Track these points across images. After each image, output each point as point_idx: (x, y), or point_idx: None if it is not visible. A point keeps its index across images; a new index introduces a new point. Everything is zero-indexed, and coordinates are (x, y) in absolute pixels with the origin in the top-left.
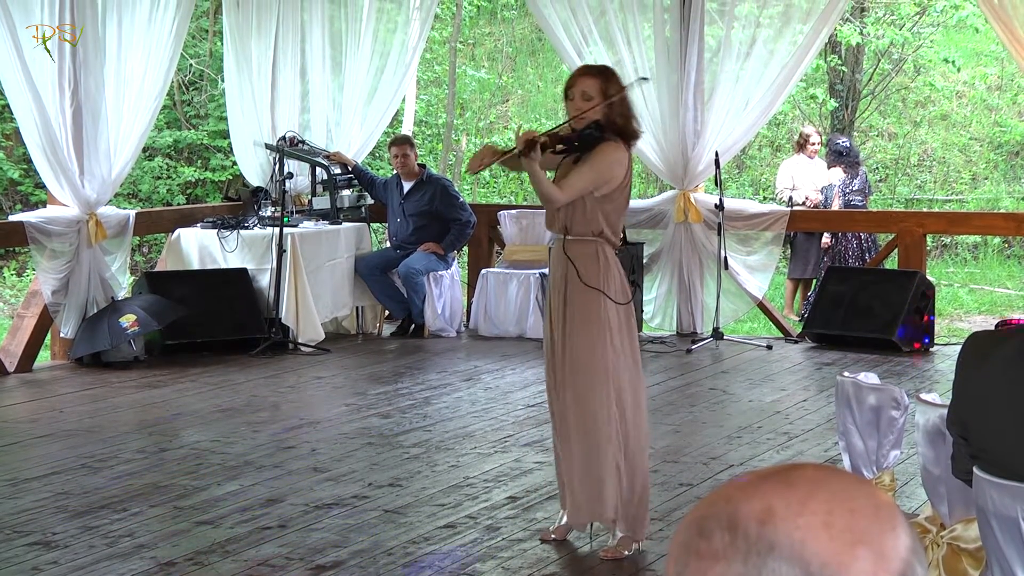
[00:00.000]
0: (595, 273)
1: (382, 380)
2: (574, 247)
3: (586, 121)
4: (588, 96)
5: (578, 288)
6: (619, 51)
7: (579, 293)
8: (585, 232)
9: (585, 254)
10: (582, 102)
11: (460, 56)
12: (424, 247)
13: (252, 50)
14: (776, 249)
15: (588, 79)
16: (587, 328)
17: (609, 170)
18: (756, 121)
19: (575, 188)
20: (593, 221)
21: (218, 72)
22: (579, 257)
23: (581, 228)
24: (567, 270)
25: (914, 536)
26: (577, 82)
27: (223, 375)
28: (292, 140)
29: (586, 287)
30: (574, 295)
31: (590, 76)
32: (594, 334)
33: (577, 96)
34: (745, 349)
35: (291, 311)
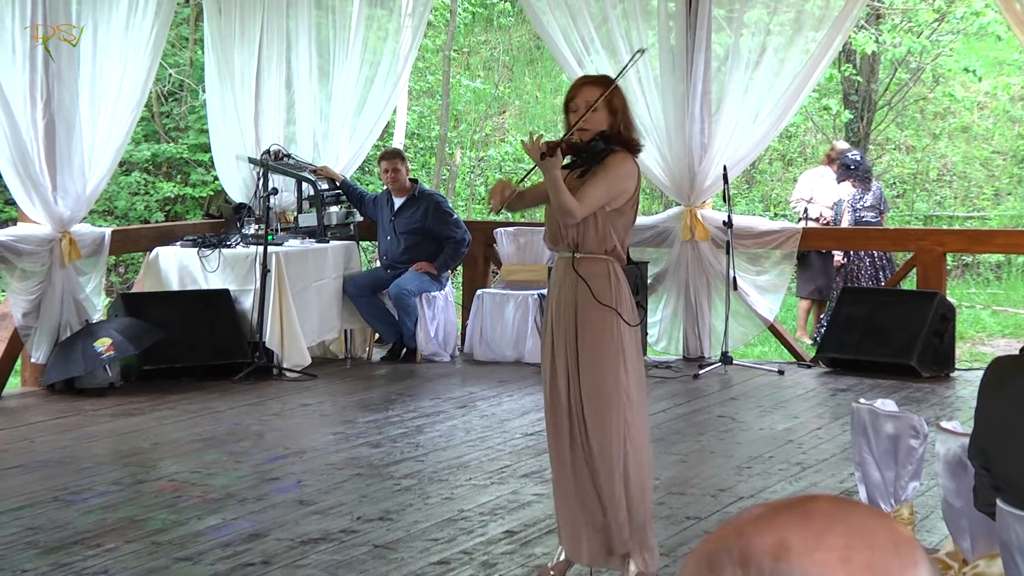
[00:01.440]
0: (608, 293)
1: (372, 407)
2: (585, 266)
3: (591, 133)
4: (593, 107)
5: (592, 308)
6: (622, 60)
7: (593, 314)
8: (597, 249)
9: (597, 273)
10: (589, 113)
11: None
12: (416, 267)
13: (235, 59)
14: (788, 268)
15: (591, 88)
16: (602, 352)
17: (622, 182)
18: (766, 134)
19: (592, 201)
20: (605, 237)
21: (199, 82)
22: (591, 276)
23: (592, 245)
24: (577, 290)
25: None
26: (579, 92)
27: (203, 402)
28: (277, 154)
29: (601, 307)
30: (587, 316)
31: (593, 85)
32: (609, 358)
33: (581, 107)
34: (755, 374)
35: (276, 334)
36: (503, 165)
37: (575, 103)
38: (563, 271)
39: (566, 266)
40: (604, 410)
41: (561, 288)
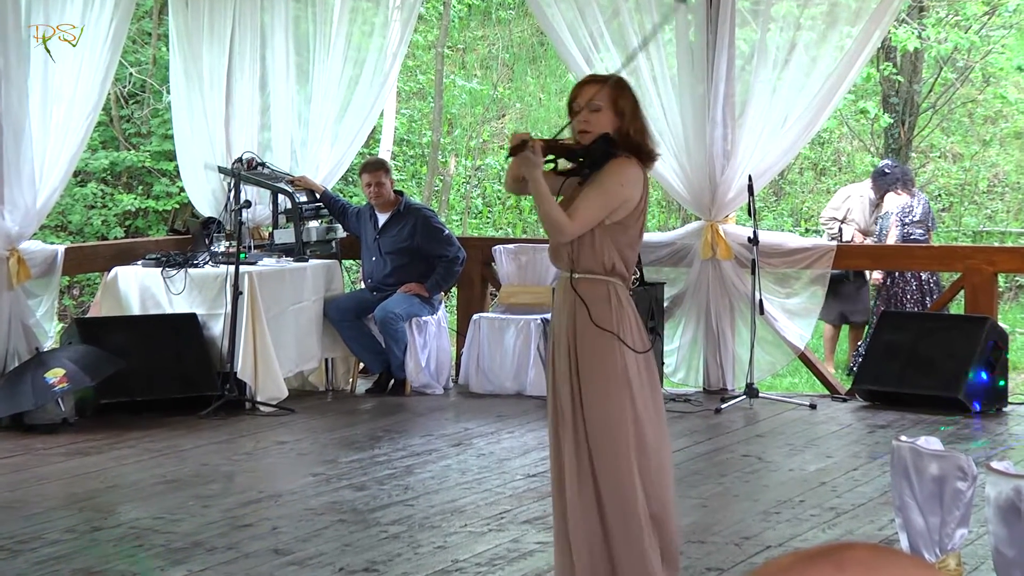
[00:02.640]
0: (608, 316)
1: (356, 445)
2: (584, 286)
3: (592, 135)
4: (596, 107)
5: (589, 332)
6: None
7: (591, 339)
8: (595, 268)
9: (596, 295)
10: (589, 114)
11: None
12: (405, 288)
13: (203, 57)
14: (820, 290)
15: (595, 87)
16: (603, 381)
17: (622, 191)
18: (796, 140)
19: (586, 215)
20: (604, 255)
21: (163, 83)
22: (590, 298)
23: (590, 263)
24: (575, 311)
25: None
26: (583, 91)
27: (168, 440)
28: (250, 162)
29: (599, 330)
30: (585, 341)
31: (597, 83)
32: (612, 388)
33: (584, 106)
34: (784, 409)
35: (248, 364)
36: (502, 175)
37: (577, 103)
38: (563, 291)
39: (566, 286)
40: (611, 449)
41: (561, 310)
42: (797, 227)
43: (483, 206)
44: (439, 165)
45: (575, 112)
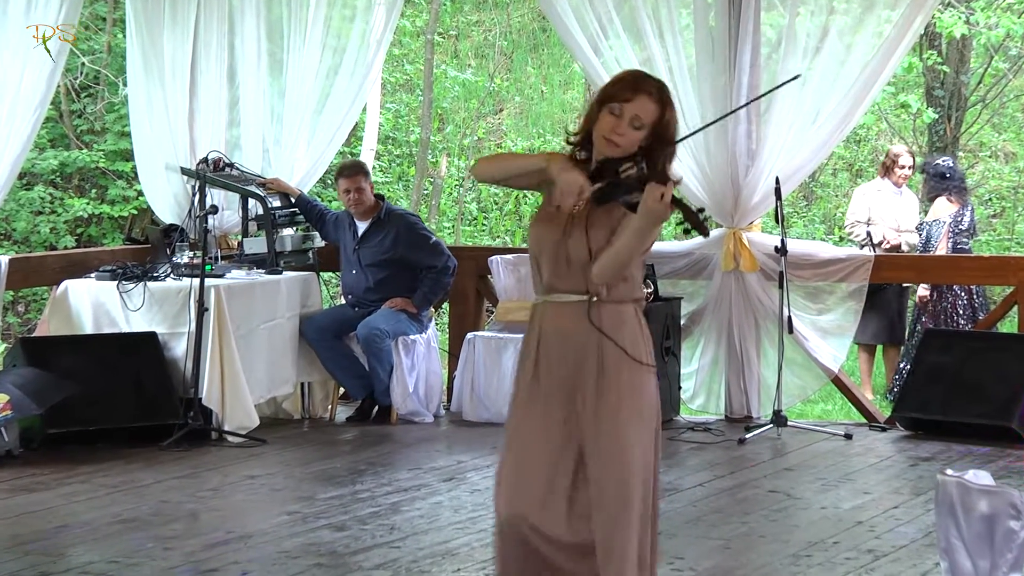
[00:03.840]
0: (641, 348)
1: (336, 480)
2: (609, 315)
3: (623, 150)
4: (640, 124)
5: (627, 371)
6: (648, 46)
7: (628, 377)
8: (625, 295)
9: (625, 323)
10: (631, 130)
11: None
12: (390, 303)
13: (164, 44)
14: (856, 306)
15: (650, 103)
16: (638, 427)
17: (659, 228)
18: (829, 138)
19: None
20: (636, 280)
21: (119, 74)
22: (618, 329)
23: (621, 290)
24: (600, 347)
25: None
26: (638, 100)
27: (124, 474)
28: (217, 163)
29: (639, 367)
30: (618, 380)
31: (652, 100)
32: (645, 434)
33: (627, 118)
34: (816, 439)
35: (215, 389)
36: None
37: (624, 108)
38: (569, 321)
39: (575, 315)
40: (623, 503)
41: (564, 344)
42: (830, 235)
43: (478, 212)
44: (429, 166)
45: (616, 114)
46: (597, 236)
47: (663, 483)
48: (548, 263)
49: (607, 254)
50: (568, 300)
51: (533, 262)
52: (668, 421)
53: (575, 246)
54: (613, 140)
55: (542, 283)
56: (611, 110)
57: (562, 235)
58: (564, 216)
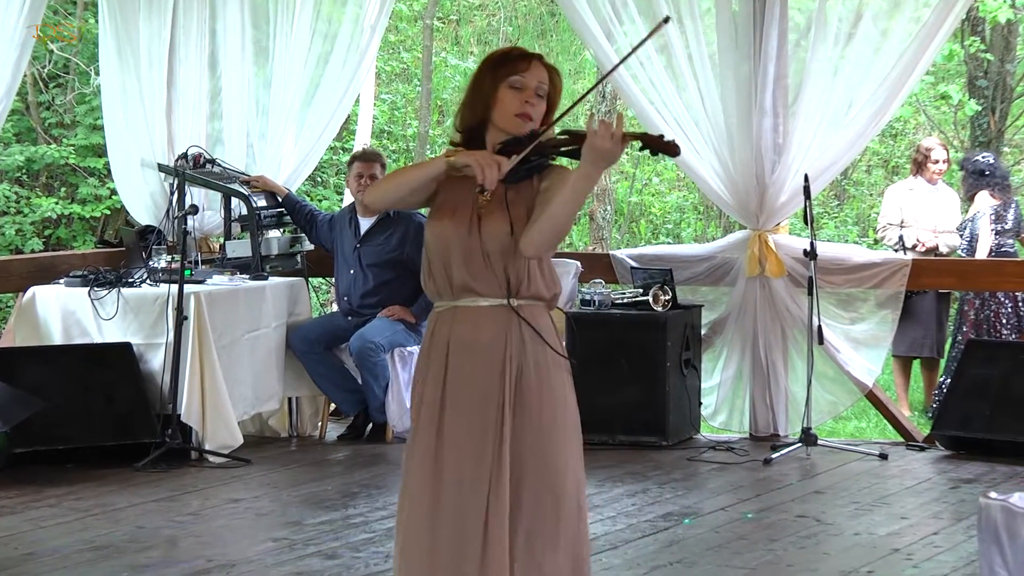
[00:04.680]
0: (561, 348)
1: (326, 504)
2: (532, 317)
3: (532, 127)
4: (543, 92)
5: (552, 376)
6: (666, 32)
7: (553, 383)
8: (542, 293)
9: (546, 326)
10: (538, 99)
11: (438, 38)
12: (387, 312)
13: (140, 30)
14: (892, 315)
15: (542, 69)
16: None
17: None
18: (862, 132)
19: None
20: (551, 275)
21: (91, 62)
22: (539, 326)
23: (540, 288)
24: (522, 355)
25: None
26: (532, 68)
27: (96, 497)
28: (197, 159)
29: (561, 373)
30: (543, 390)
31: (543, 65)
32: (573, 440)
33: (532, 88)
34: (849, 459)
35: (195, 405)
36: None
37: (527, 77)
38: (485, 328)
39: (493, 321)
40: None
41: (479, 356)
42: (864, 238)
43: None
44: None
45: (515, 88)
46: (517, 217)
47: (682, 507)
48: (459, 261)
49: (542, 219)
50: (484, 304)
51: (435, 264)
52: (688, 439)
53: (492, 233)
54: (527, 113)
55: (449, 286)
56: (512, 84)
57: (470, 226)
58: (468, 208)
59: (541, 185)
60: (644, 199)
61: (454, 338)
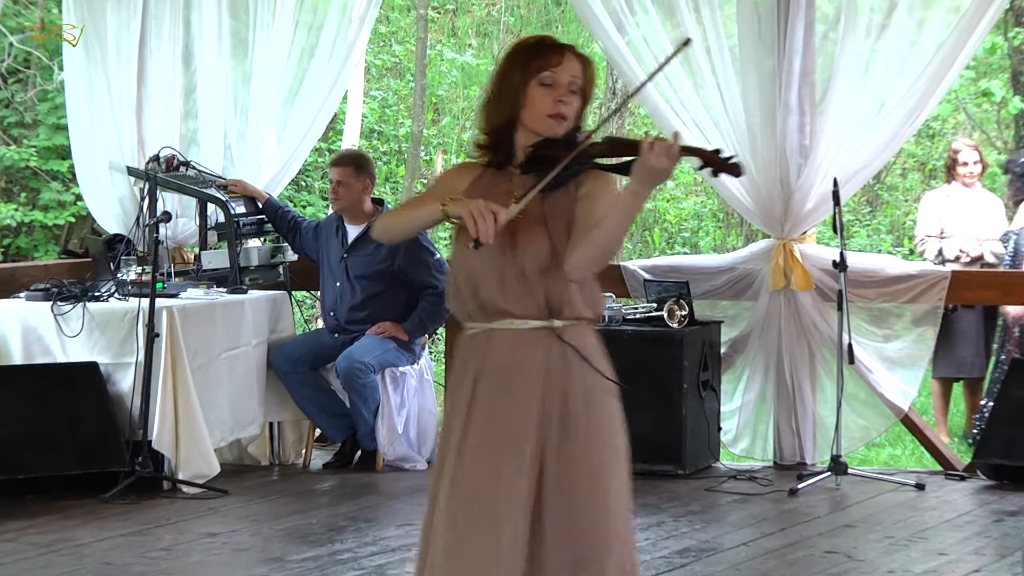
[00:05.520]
0: (610, 371)
1: (311, 539)
2: (575, 337)
3: (568, 126)
4: (577, 87)
5: (597, 402)
6: (682, 22)
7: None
8: (587, 313)
9: (592, 347)
10: (572, 95)
11: (434, 30)
12: (378, 329)
13: (107, 21)
14: (930, 332)
15: (575, 61)
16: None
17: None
18: (897, 132)
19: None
20: (597, 295)
21: (54, 56)
22: (588, 352)
23: (581, 307)
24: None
25: None
26: (565, 61)
27: (60, 531)
28: (170, 161)
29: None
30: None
31: (575, 57)
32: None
33: (565, 84)
34: (882, 490)
35: (167, 430)
36: None
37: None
38: (524, 352)
39: (532, 344)
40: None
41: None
42: (899, 247)
43: None
44: (421, 164)
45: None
46: (556, 232)
47: (700, 541)
48: (491, 283)
49: (588, 241)
50: (523, 327)
51: (464, 286)
52: (706, 468)
53: (530, 252)
54: (560, 113)
55: (480, 308)
56: (542, 82)
57: (503, 244)
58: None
59: (579, 192)
60: (658, 205)
61: (488, 364)
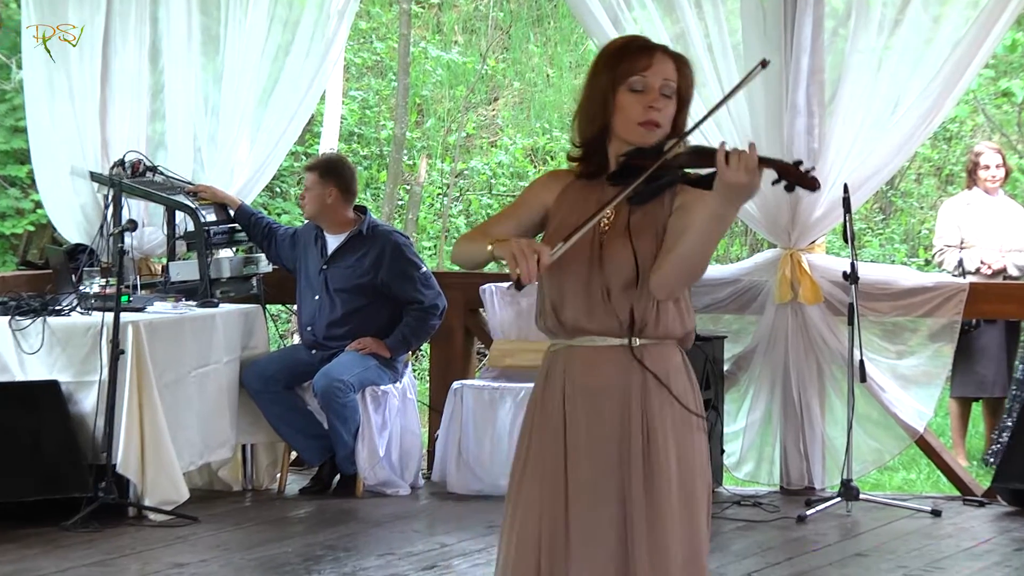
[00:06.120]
0: (692, 399)
1: (286, 569)
2: (656, 358)
3: (662, 134)
4: (670, 90)
5: (678, 430)
6: (683, 18)
7: (680, 438)
8: (675, 331)
9: (674, 369)
10: (664, 100)
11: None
12: (358, 345)
13: (69, 17)
14: (947, 348)
15: (668, 61)
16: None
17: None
18: (911, 134)
19: None
20: (687, 311)
21: (12, 54)
22: (666, 376)
23: (670, 325)
24: (645, 404)
25: None
26: (655, 63)
27: (19, 561)
28: (136, 166)
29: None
30: (669, 446)
31: (669, 57)
32: (701, 508)
33: (657, 88)
34: (896, 516)
35: (133, 453)
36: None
37: (646, 80)
38: (604, 371)
39: (612, 362)
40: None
41: (598, 401)
42: (913, 257)
43: (466, 225)
44: (404, 169)
45: (636, 91)
46: (643, 247)
47: None
48: (575, 295)
49: (674, 257)
50: (602, 344)
51: (547, 301)
52: None
53: (614, 265)
54: (652, 120)
55: (560, 324)
56: (632, 87)
57: (591, 255)
58: (589, 232)
59: (675, 204)
60: None
61: (570, 380)
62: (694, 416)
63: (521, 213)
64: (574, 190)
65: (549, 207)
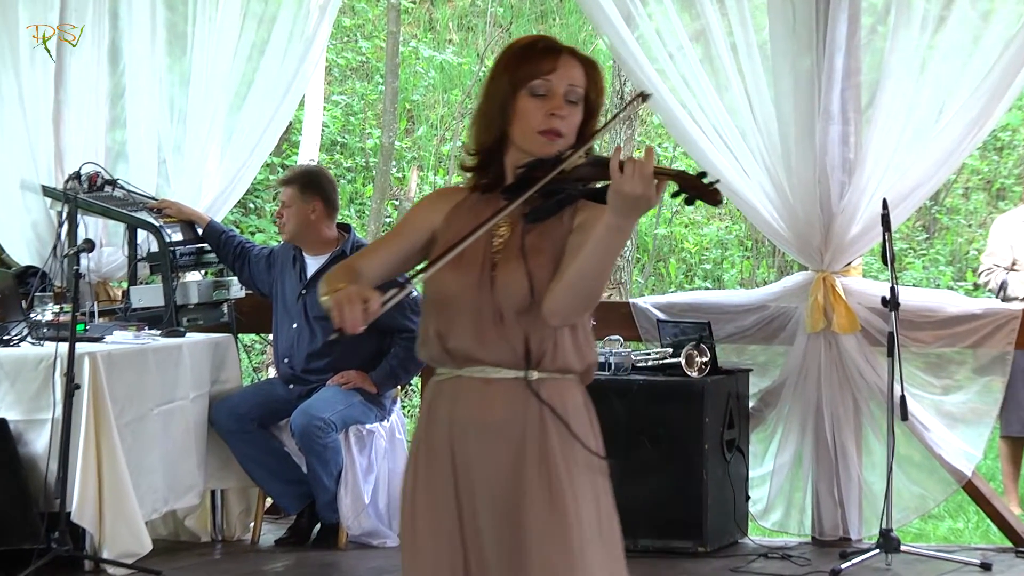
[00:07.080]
0: (593, 438)
1: None
2: (554, 393)
3: (566, 143)
4: (577, 96)
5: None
6: (703, 14)
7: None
8: (574, 364)
9: (573, 406)
10: (569, 106)
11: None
12: (340, 379)
13: (19, 14)
14: (997, 382)
15: (576, 65)
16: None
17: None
18: (958, 145)
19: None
20: (588, 344)
21: None
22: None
23: (569, 357)
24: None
25: None
26: (560, 66)
27: None
28: (93, 180)
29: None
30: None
31: (576, 60)
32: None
33: (561, 93)
34: (942, 570)
35: (90, 500)
36: None
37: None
38: (498, 405)
39: (506, 396)
40: None
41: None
42: (960, 282)
43: None
44: (392, 182)
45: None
46: (539, 268)
47: None
48: (464, 321)
49: (567, 278)
50: (495, 376)
51: (431, 326)
52: (732, 545)
53: (507, 292)
54: (554, 128)
55: (447, 352)
56: (533, 91)
57: (481, 276)
58: (479, 252)
59: (575, 221)
60: (674, 231)
61: (457, 416)
62: (596, 458)
63: (398, 241)
64: (466, 207)
65: (436, 228)
